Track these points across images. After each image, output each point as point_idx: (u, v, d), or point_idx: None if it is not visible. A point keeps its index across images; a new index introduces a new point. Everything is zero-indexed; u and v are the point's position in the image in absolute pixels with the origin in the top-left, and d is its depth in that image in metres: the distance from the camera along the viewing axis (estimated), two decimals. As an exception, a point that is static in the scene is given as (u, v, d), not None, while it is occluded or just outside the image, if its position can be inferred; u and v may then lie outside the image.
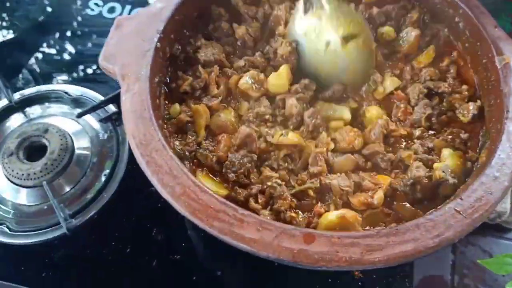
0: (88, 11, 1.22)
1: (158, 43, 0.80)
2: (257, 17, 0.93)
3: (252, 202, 0.72)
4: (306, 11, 0.83)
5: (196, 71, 0.85)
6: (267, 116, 0.81)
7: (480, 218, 0.65)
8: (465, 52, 0.87)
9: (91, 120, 1.05)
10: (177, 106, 0.82)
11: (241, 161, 0.75)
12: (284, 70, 0.84)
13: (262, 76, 0.84)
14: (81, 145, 1.00)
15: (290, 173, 0.77)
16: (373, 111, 0.83)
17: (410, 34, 0.89)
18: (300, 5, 0.83)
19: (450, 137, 0.80)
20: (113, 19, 0.85)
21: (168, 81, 0.85)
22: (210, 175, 0.77)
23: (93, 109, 0.97)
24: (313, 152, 0.77)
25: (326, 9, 0.80)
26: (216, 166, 0.77)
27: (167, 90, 0.84)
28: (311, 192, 0.74)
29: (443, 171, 0.72)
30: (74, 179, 0.96)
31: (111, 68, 0.78)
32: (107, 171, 0.97)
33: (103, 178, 0.97)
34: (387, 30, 0.90)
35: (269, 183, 0.73)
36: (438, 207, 0.67)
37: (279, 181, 0.74)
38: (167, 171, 0.68)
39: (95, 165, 0.99)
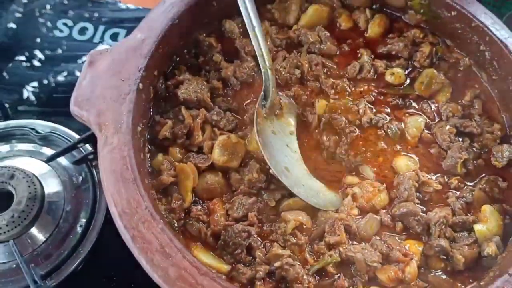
0: (56, 33, 1.07)
1: (140, 84, 0.67)
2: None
3: (260, 286, 0.61)
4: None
5: (178, 113, 0.74)
6: (262, 185, 0.70)
7: (533, 297, 0.55)
8: (492, 86, 0.77)
9: (63, 161, 0.92)
10: (160, 157, 0.70)
11: (236, 240, 0.64)
12: None
13: (235, 138, 0.73)
14: (52, 190, 0.87)
15: (301, 247, 0.66)
16: (401, 162, 0.73)
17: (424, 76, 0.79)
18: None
19: (488, 186, 0.71)
20: (85, 41, 0.72)
21: (151, 125, 0.73)
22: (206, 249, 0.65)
23: (65, 152, 0.86)
24: (331, 218, 0.66)
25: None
26: (212, 241, 0.66)
27: (148, 136, 0.72)
28: (331, 269, 0.63)
29: (497, 246, 0.63)
30: (45, 232, 0.83)
31: (85, 115, 0.66)
32: (83, 221, 0.85)
33: (79, 230, 0.84)
34: (397, 73, 0.80)
35: (278, 263, 0.62)
36: (482, 282, 0.57)
37: (291, 260, 0.62)
38: (157, 249, 0.57)
39: (69, 214, 0.86)
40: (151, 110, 0.74)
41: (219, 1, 0.80)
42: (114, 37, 1.10)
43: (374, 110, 0.78)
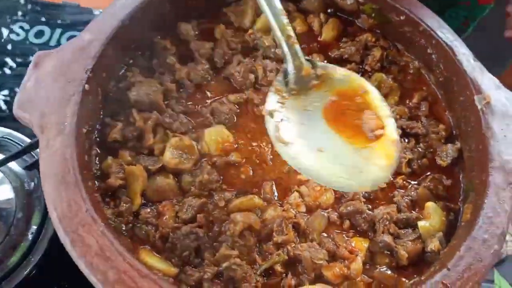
0: (13, 36, 1.05)
1: (86, 85, 0.66)
2: (212, 59, 0.81)
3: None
4: None
5: (130, 115, 0.72)
6: (213, 186, 0.69)
7: (470, 291, 0.56)
8: (439, 87, 0.79)
9: (15, 166, 0.89)
10: (109, 160, 0.69)
11: (184, 242, 0.63)
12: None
13: (188, 141, 0.72)
14: (3, 197, 0.85)
15: (250, 248, 0.65)
16: None
17: (373, 80, 0.80)
18: None
19: (432, 184, 0.72)
20: (42, 45, 0.70)
21: (100, 127, 0.72)
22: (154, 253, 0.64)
23: (15, 157, 0.83)
24: (277, 217, 0.66)
25: None
26: (161, 244, 0.65)
27: (98, 139, 0.71)
28: (278, 268, 0.63)
29: (440, 241, 0.65)
30: (-6, 239, 0.80)
31: (27, 117, 0.64)
32: (34, 228, 0.82)
33: (30, 237, 0.82)
34: None
35: (226, 264, 0.61)
36: (423, 277, 0.58)
37: (239, 260, 0.62)
38: (97, 252, 0.55)
39: (20, 221, 0.83)
40: (101, 112, 0.72)
41: (173, 4, 0.80)
42: (72, 40, 1.08)
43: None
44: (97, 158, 0.70)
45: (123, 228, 0.65)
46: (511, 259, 0.90)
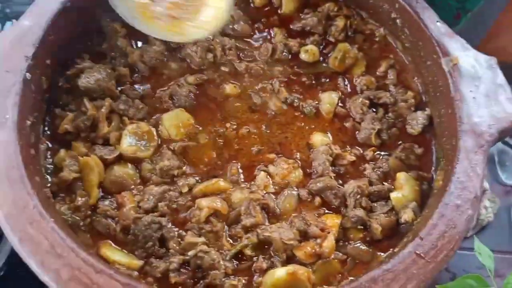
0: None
1: (27, 74, 0.61)
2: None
3: (175, 278, 0.57)
4: None
5: (81, 104, 0.68)
6: (175, 172, 0.66)
7: (445, 259, 0.55)
8: (406, 54, 0.76)
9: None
10: (62, 153, 0.64)
11: (146, 232, 0.60)
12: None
13: (146, 126, 0.68)
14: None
15: (217, 233, 0.62)
16: (316, 138, 0.70)
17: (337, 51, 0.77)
18: None
19: (403, 154, 0.70)
20: None
21: (50, 119, 0.67)
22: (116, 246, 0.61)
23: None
24: (245, 199, 0.63)
25: None
26: (123, 236, 0.61)
27: (49, 131, 0.66)
28: (248, 251, 0.60)
29: (414, 212, 0.62)
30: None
31: (-37, 111, 0.59)
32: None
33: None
34: (311, 50, 0.77)
35: (193, 252, 0.58)
36: (396, 249, 0.55)
37: (206, 247, 0.59)
38: (48, 249, 0.52)
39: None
40: (50, 102, 0.68)
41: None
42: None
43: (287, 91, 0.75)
44: (49, 152, 0.65)
45: (81, 224, 0.61)
46: (491, 226, 0.89)
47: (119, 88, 0.72)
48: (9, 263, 0.73)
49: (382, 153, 0.71)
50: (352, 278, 0.59)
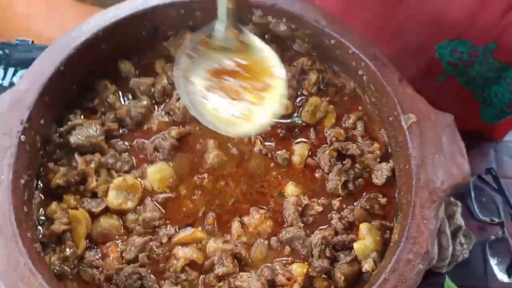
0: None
1: (22, 136, 0.68)
2: (152, 95, 0.82)
3: None
4: None
5: (72, 159, 0.74)
6: (156, 223, 0.72)
7: (396, 312, 0.59)
8: (373, 107, 0.82)
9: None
10: (54, 206, 0.71)
11: (126, 283, 0.65)
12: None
13: (131, 179, 0.74)
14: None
15: (192, 282, 0.68)
16: (288, 188, 0.76)
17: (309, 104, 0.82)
18: None
19: (368, 204, 0.75)
20: None
21: (44, 173, 0.73)
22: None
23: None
24: (218, 249, 0.69)
25: None
26: (107, 285, 0.67)
27: (42, 184, 0.72)
28: None
29: (374, 261, 0.67)
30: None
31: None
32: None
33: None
34: (285, 103, 0.80)
35: None
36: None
37: None
38: (37, 304, 0.57)
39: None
40: (43, 156, 0.74)
41: (109, 44, 0.81)
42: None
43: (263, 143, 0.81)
44: (42, 205, 0.71)
45: (69, 273, 0.67)
46: (467, 262, 0.92)
47: (108, 142, 0.78)
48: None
49: (349, 203, 0.76)
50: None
